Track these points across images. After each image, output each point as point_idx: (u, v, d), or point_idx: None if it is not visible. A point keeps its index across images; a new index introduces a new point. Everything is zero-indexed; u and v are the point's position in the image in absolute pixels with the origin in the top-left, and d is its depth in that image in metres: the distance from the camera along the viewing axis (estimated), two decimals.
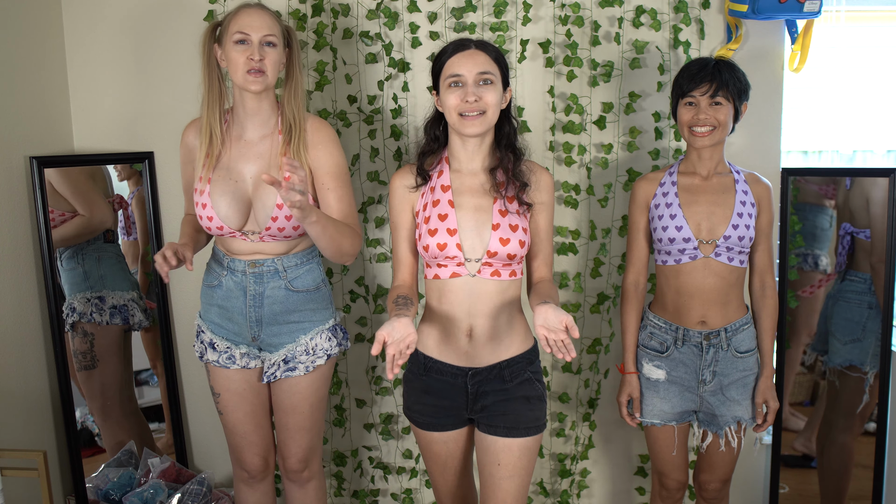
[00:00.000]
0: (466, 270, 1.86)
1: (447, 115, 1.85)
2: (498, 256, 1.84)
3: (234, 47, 1.93)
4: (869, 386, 2.49)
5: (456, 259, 1.85)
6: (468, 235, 1.85)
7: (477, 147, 1.88)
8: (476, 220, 1.85)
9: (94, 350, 2.41)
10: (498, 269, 1.86)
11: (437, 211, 1.86)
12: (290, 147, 1.98)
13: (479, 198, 1.87)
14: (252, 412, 2.13)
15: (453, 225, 1.85)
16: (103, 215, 2.45)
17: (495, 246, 1.83)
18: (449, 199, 1.87)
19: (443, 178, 1.90)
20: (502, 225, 1.85)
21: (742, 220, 2.10)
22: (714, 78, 2.05)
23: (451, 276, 1.86)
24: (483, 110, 1.81)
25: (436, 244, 1.84)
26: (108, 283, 2.46)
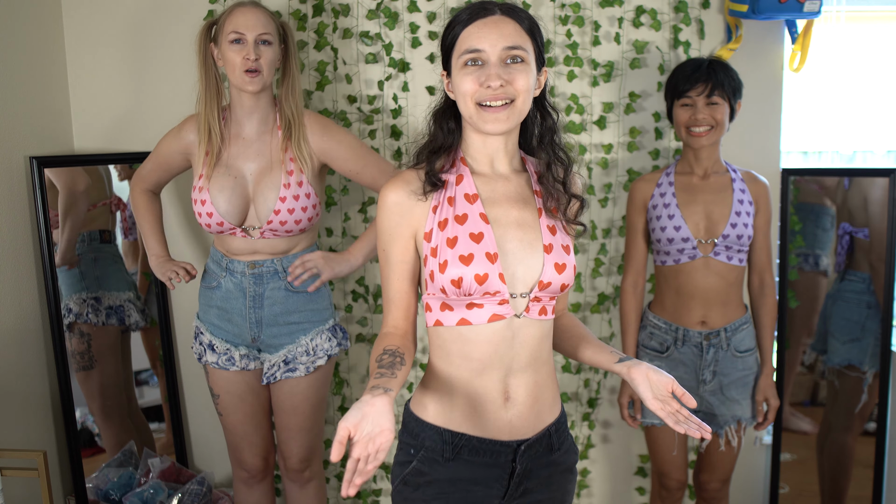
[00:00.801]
0: (511, 310, 1.37)
1: (461, 105, 1.38)
2: (550, 289, 1.38)
3: (230, 47, 1.93)
4: (868, 385, 2.49)
5: (499, 295, 1.35)
6: (512, 261, 1.37)
7: (502, 146, 1.42)
8: (521, 241, 1.39)
9: (91, 351, 2.41)
10: (545, 305, 1.40)
11: (466, 229, 1.36)
12: (290, 143, 2.00)
13: (519, 209, 1.41)
14: (252, 413, 2.13)
15: (493, 247, 1.35)
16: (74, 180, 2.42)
17: (550, 275, 1.37)
18: (480, 213, 1.38)
19: (465, 185, 1.40)
20: (555, 246, 1.39)
21: (740, 219, 2.10)
22: (709, 77, 2.06)
23: (489, 320, 1.36)
24: (511, 98, 1.34)
25: (473, 276, 1.33)
26: (104, 284, 2.45)
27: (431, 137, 1.45)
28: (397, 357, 1.33)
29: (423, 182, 1.40)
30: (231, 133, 2.03)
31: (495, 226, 1.38)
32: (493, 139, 1.41)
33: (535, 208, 1.42)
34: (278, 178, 1.99)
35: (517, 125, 1.40)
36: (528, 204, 1.42)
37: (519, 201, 1.42)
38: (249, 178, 2.00)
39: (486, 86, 1.33)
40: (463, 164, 1.43)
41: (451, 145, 1.45)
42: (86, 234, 2.42)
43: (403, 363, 1.33)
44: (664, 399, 1.33)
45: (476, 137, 1.42)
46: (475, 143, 1.43)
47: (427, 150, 1.44)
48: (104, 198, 2.48)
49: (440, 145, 1.44)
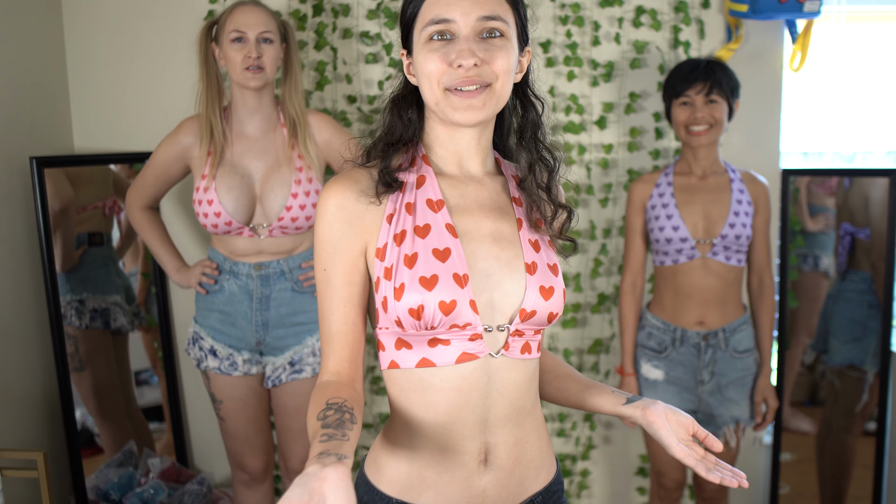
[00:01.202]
0: (485, 348, 1.09)
1: (425, 90, 1.10)
2: (535, 319, 1.11)
3: (232, 45, 1.94)
4: (869, 385, 2.49)
5: (470, 329, 1.07)
6: (486, 285, 1.09)
7: (474, 141, 1.15)
8: (498, 259, 1.11)
9: (79, 353, 2.39)
10: (529, 340, 1.13)
11: (429, 244, 1.08)
12: (297, 142, 2.00)
13: (494, 219, 1.14)
14: (254, 417, 2.12)
15: (462, 267, 1.07)
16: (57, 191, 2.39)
17: (534, 301, 1.10)
18: (447, 223, 1.10)
19: (427, 189, 1.12)
20: (539, 265, 1.12)
21: (738, 219, 2.10)
22: (708, 77, 2.07)
23: (458, 361, 1.08)
24: (487, 82, 1.07)
25: (437, 303, 1.04)
26: (89, 287, 2.41)
27: (387, 129, 1.17)
28: (345, 413, 1.00)
29: (376, 182, 1.11)
30: (233, 132, 2.03)
31: (465, 240, 1.10)
32: (464, 133, 1.14)
33: (513, 219, 1.15)
34: (287, 175, 1.99)
35: (493, 115, 1.14)
36: (506, 214, 1.15)
37: (494, 210, 1.14)
38: (256, 176, 2.00)
39: (455, 65, 1.06)
40: (425, 164, 1.15)
41: (411, 139, 1.16)
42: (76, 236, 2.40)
43: (354, 421, 0.99)
44: (688, 444, 1.11)
45: (442, 130, 1.15)
46: (441, 137, 1.15)
47: (381, 143, 1.16)
48: (97, 200, 2.46)
49: (397, 138, 1.16)
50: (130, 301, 2.53)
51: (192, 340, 2.11)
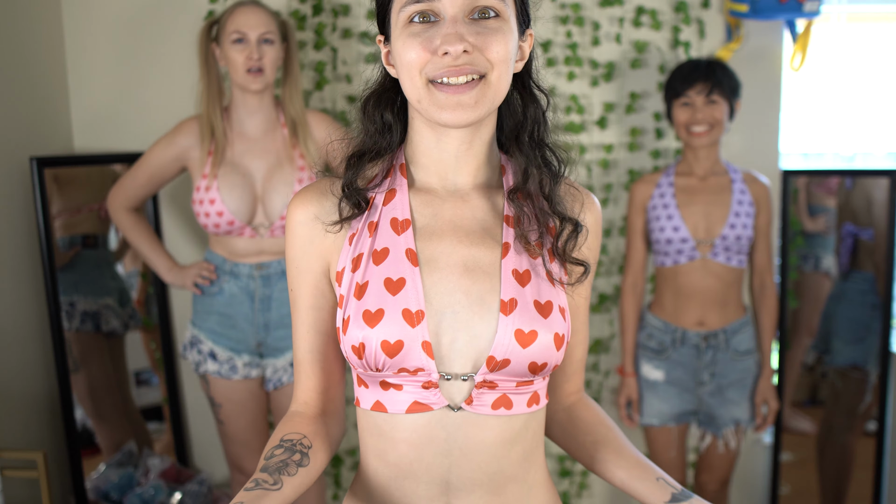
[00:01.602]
0: (440, 399, 0.92)
1: (405, 83, 0.93)
2: (509, 370, 0.92)
3: (233, 47, 1.94)
4: (871, 386, 2.48)
5: (422, 375, 0.91)
6: (450, 324, 0.92)
7: (465, 146, 0.96)
8: (467, 294, 0.93)
9: (73, 354, 2.38)
10: (507, 393, 0.94)
11: (382, 272, 0.93)
12: (298, 141, 2.01)
13: (470, 245, 0.95)
14: (253, 420, 2.12)
15: (416, 302, 0.91)
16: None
17: (506, 347, 0.91)
18: (408, 248, 0.94)
19: (395, 205, 0.97)
20: (521, 303, 0.92)
21: (739, 220, 2.10)
22: (708, 77, 2.07)
23: (408, 411, 0.93)
24: (481, 72, 0.90)
25: (379, 343, 0.90)
26: (80, 289, 2.40)
27: (360, 135, 1.00)
28: (296, 452, 0.91)
29: (339, 199, 0.96)
30: (233, 131, 2.03)
31: (429, 269, 0.93)
32: (452, 137, 0.95)
33: (498, 244, 0.95)
34: (290, 175, 2.00)
35: (490, 114, 0.94)
36: (489, 238, 0.96)
37: (473, 234, 0.95)
38: (257, 176, 2.01)
39: (441, 52, 0.88)
40: (401, 175, 0.98)
41: (388, 147, 0.99)
42: (66, 239, 2.40)
43: (302, 463, 0.90)
44: None
45: (427, 133, 0.96)
46: (424, 141, 0.97)
47: (350, 152, 1.00)
48: (92, 202, 2.45)
49: (370, 146, 0.99)
50: (125, 303, 2.52)
51: (190, 344, 2.09)
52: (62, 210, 2.38)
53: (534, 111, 0.99)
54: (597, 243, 1.03)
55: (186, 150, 2.03)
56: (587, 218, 1.01)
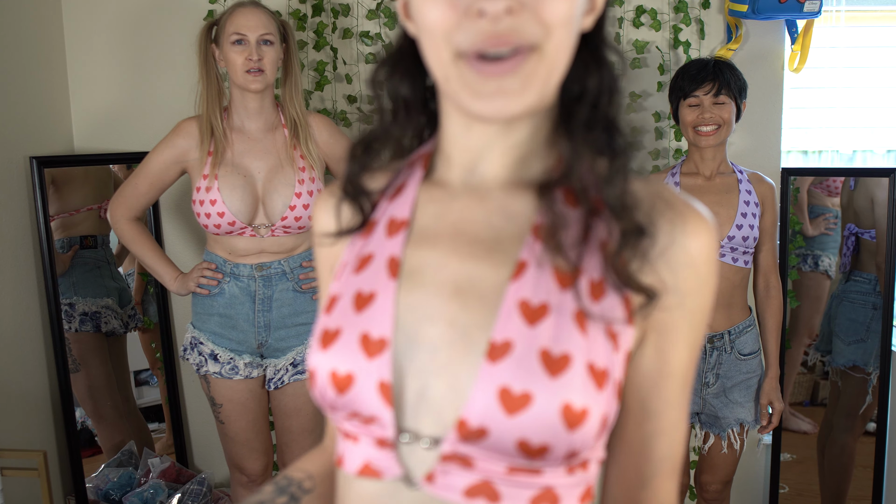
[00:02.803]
0: (394, 467, 0.67)
1: (428, 55, 0.66)
2: (490, 444, 0.62)
3: (232, 48, 1.94)
4: (872, 387, 2.49)
5: (375, 427, 0.67)
6: (425, 364, 0.66)
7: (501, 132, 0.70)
8: (453, 325, 0.66)
9: (72, 354, 2.38)
10: (492, 480, 0.64)
11: (357, 282, 0.71)
12: (299, 142, 2.01)
13: (470, 257, 0.69)
14: (254, 420, 2.12)
15: (381, 326, 0.67)
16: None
17: (482, 411, 0.62)
18: (392, 255, 0.70)
19: (400, 201, 0.74)
20: (519, 348, 0.63)
21: (746, 221, 2.10)
22: (716, 77, 2.06)
23: (359, 473, 0.69)
24: (530, 43, 0.62)
25: (329, 373, 0.68)
26: (79, 290, 2.40)
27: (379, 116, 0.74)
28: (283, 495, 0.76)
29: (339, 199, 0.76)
30: (233, 132, 2.03)
31: (410, 284, 0.68)
32: (485, 129, 0.69)
33: (510, 261, 0.67)
34: (291, 175, 2.00)
35: (546, 99, 0.66)
36: (498, 252, 0.68)
37: (478, 243, 0.69)
38: (258, 176, 2.01)
39: (475, 10, 0.61)
40: (420, 166, 0.75)
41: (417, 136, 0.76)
42: (65, 240, 2.39)
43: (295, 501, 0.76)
44: None
45: (455, 117, 0.70)
46: (452, 126, 0.71)
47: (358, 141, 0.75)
48: (92, 202, 2.45)
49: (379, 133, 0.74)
50: (124, 304, 2.52)
51: (191, 346, 2.08)
52: (61, 210, 2.38)
53: (598, 80, 0.69)
54: (697, 284, 0.67)
55: (186, 151, 2.03)
56: (690, 242, 0.66)
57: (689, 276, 0.67)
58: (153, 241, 2.12)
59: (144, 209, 2.11)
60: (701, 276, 0.67)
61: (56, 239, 2.36)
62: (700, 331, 0.69)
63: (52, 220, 2.33)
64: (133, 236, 2.08)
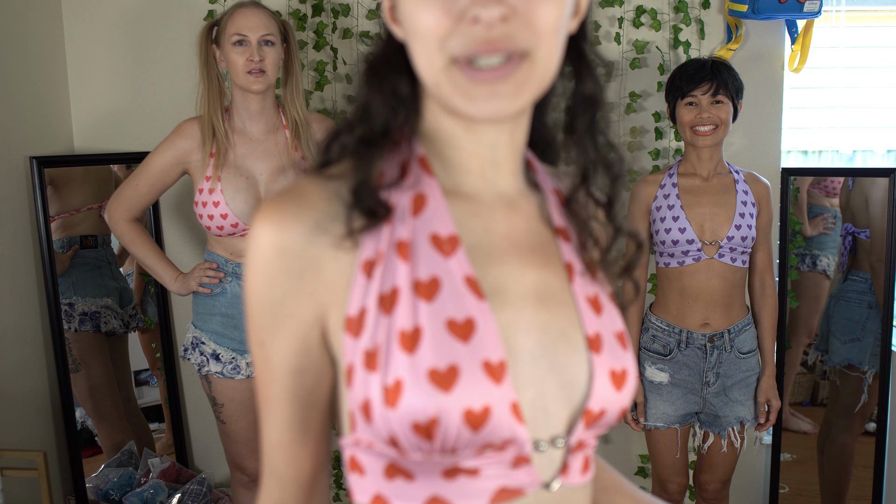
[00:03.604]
0: (536, 476, 0.67)
1: (418, 60, 0.66)
2: (604, 421, 0.71)
3: (233, 49, 1.94)
4: (868, 386, 2.49)
5: (512, 449, 0.66)
6: (531, 375, 0.68)
7: (506, 134, 0.71)
8: (546, 332, 0.69)
9: (73, 354, 2.38)
10: (588, 454, 0.73)
11: (441, 311, 0.64)
12: (300, 143, 2.01)
13: (538, 266, 0.72)
14: (255, 420, 2.11)
15: (496, 350, 0.65)
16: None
17: (604, 395, 0.70)
18: (467, 275, 0.67)
19: (431, 216, 0.68)
20: (605, 338, 0.72)
21: (744, 220, 2.10)
22: (714, 77, 2.06)
23: (493, 501, 0.66)
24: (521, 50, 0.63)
25: (462, 413, 0.62)
26: (79, 290, 2.39)
27: (364, 112, 0.71)
28: None
29: (350, 206, 0.66)
30: (235, 133, 2.03)
31: (497, 303, 0.67)
32: (486, 129, 0.69)
33: (560, 264, 0.73)
34: (292, 176, 2.00)
35: (537, 99, 0.69)
36: (550, 256, 0.73)
37: (535, 252, 0.72)
38: (260, 177, 2.01)
39: (469, 18, 0.61)
40: (426, 173, 0.70)
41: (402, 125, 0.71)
42: (65, 240, 2.39)
43: None
44: None
45: (449, 122, 0.70)
46: (446, 128, 0.70)
47: (356, 137, 0.69)
48: (92, 202, 2.45)
49: (380, 128, 0.69)
50: (125, 304, 2.51)
51: (192, 346, 2.08)
52: (61, 210, 2.38)
53: (592, 87, 0.72)
54: None
55: (187, 152, 2.03)
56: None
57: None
58: (153, 242, 2.12)
59: (144, 210, 2.11)
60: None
61: (56, 238, 2.35)
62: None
63: (52, 220, 2.33)
64: (132, 237, 2.07)
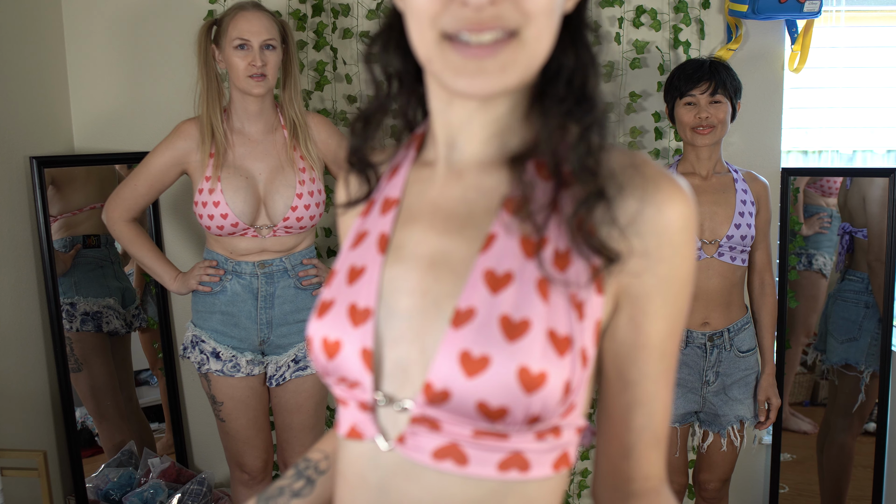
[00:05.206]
0: (372, 428, 0.71)
1: (412, 35, 0.69)
2: (453, 406, 0.66)
3: (235, 52, 1.94)
4: (865, 385, 2.49)
5: (358, 391, 0.72)
6: (401, 331, 0.70)
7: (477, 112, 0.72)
8: (425, 295, 0.70)
9: (74, 354, 2.38)
10: (459, 442, 0.68)
11: (351, 258, 0.76)
12: (299, 143, 2.02)
13: (445, 233, 0.72)
14: (255, 417, 2.12)
15: (367, 297, 0.72)
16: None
17: (446, 374, 0.65)
18: (382, 232, 0.75)
19: (394, 182, 0.79)
20: (481, 314, 0.66)
21: (743, 220, 2.11)
22: (712, 77, 2.07)
23: (347, 434, 0.74)
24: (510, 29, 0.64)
25: (321, 340, 0.73)
26: (81, 290, 2.40)
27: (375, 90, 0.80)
28: (300, 479, 0.84)
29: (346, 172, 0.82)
30: (234, 133, 2.03)
31: (393, 259, 0.73)
32: (466, 104, 0.72)
33: (481, 235, 0.70)
34: (291, 177, 2.01)
35: (527, 79, 0.68)
36: (471, 227, 0.71)
37: (452, 219, 0.72)
38: (259, 178, 2.02)
39: (460, 1, 0.63)
40: (414, 145, 0.80)
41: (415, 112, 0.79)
42: (68, 239, 2.39)
43: (302, 493, 0.82)
44: None
45: (438, 92, 0.73)
46: (434, 102, 0.75)
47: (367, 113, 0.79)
48: (95, 201, 2.45)
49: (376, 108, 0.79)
50: (128, 304, 2.51)
51: (192, 344, 2.09)
52: (64, 210, 2.38)
53: (574, 59, 0.70)
54: (671, 251, 0.68)
55: (187, 153, 2.03)
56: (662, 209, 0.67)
57: (661, 244, 0.68)
58: (151, 242, 2.12)
59: (142, 210, 2.11)
60: (675, 243, 0.68)
61: (59, 238, 2.36)
62: (679, 304, 0.70)
63: (55, 220, 2.34)
64: (131, 237, 2.08)
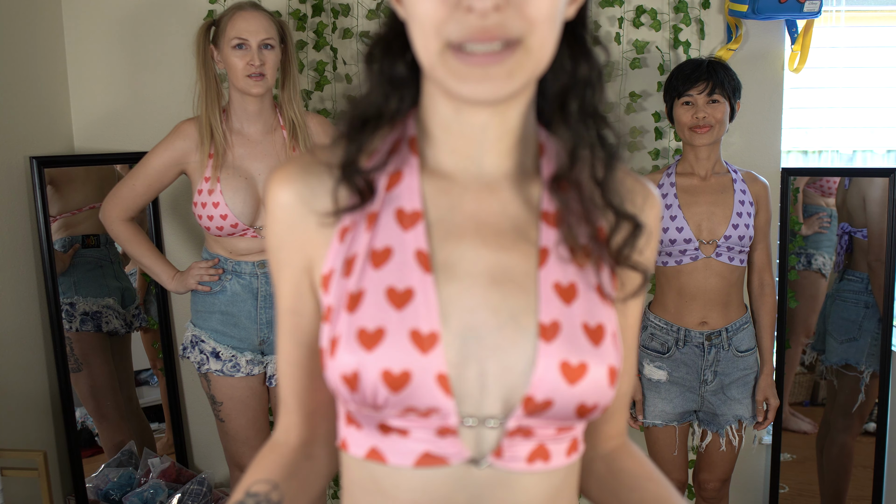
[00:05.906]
0: (463, 450, 0.70)
1: (416, 43, 0.68)
2: (551, 412, 0.70)
3: (233, 52, 1.94)
4: (864, 385, 2.49)
5: (437, 418, 0.69)
6: (474, 351, 0.69)
7: (497, 117, 0.72)
8: (496, 311, 0.70)
9: (74, 354, 2.38)
10: (545, 442, 0.73)
11: (384, 278, 0.70)
12: (298, 144, 2.02)
13: (498, 249, 0.72)
14: (254, 418, 2.12)
15: (430, 321, 0.69)
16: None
17: (548, 384, 0.69)
18: (418, 249, 0.71)
19: (403, 191, 0.73)
20: (565, 327, 0.70)
21: (742, 220, 2.11)
22: (710, 77, 2.07)
23: (417, 464, 0.71)
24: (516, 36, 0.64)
25: (380, 373, 0.67)
26: (80, 290, 2.39)
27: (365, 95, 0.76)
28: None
29: (336, 180, 0.72)
30: (233, 134, 2.03)
31: (446, 278, 0.70)
32: (478, 111, 0.71)
33: (533, 249, 0.73)
34: None
35: (529, 85, 0.70)
36: (522, 240, 0.73)
37: (503, 234, 0.73)
38: (258, 178, 2.01)
39: (464, 7, 0.63)
40: (411, 152, 0.75)
41: (396, 112, 0.75)
42: (67, 239, 2.39)
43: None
44: None
45: (443, 104, 0.72)
46: (440, 109, 0.73)
47: (352, 118, 0.75)
48: (94, 201, 2.44)
49: (374, 112, 0.74)
50: (128, 304, 2.51)
51: (192, 344, 2.09)
52: (63, 210, 2.38)
53: (586, 71, 0.73)
54: (654, 250, 0.80)
55: (186, 153, 2.03)
56: (648, 217, 0.78)
57: (649, 239, 0.78)
58: (149, 241, 2.12)
59: (140, 210, 2.11)
60: (653, 239, 0.79)
61: (58, 238, 2.36)
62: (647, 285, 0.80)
63: (54, 220, 2.33)
64: (129, 237, 2.07)
